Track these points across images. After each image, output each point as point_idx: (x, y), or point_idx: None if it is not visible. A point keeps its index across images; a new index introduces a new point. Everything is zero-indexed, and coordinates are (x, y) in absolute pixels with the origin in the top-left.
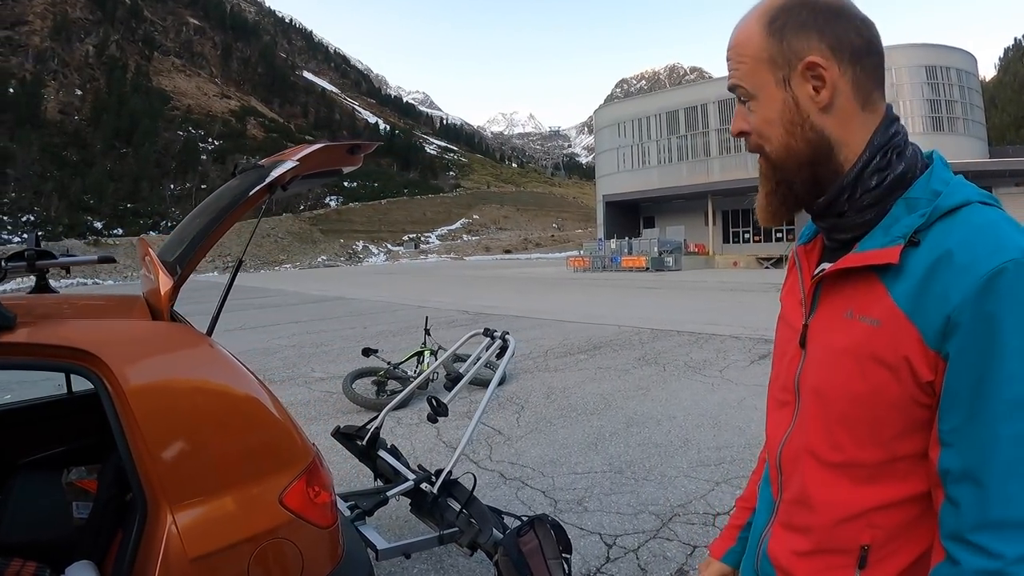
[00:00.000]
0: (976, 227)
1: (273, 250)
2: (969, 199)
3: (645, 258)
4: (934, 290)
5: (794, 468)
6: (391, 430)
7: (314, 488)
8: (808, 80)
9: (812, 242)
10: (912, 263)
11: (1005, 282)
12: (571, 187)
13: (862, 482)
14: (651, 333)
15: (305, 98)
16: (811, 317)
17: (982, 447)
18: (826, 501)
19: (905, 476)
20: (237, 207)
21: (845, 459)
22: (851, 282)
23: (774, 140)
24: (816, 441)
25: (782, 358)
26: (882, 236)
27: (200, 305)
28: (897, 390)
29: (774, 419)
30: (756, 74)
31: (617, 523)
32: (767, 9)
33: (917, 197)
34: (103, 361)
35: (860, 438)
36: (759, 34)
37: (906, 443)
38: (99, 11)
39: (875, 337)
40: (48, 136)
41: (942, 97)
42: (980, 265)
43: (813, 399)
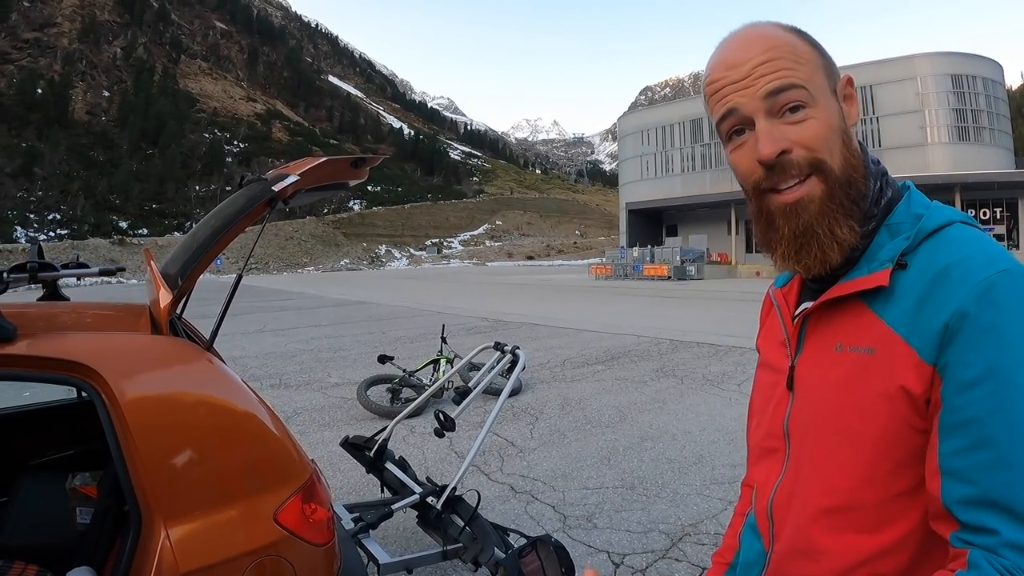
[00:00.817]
0: (966, 244)
1: (296, 252)
2: (951, 219)
3: (667, 267)
4: (932, 304)
5: (786, 517)
6: (403, 439)
7: (310, 505)
8: (842, 100)
9: (788, 284)
10: (904, 285)
11: (1001, 292)
12: (594, 194)
13: (861, 527)
14: (670, 344)
15: (330, 102)
16: (797, 358)
17: (1001, 462)
18: (823, 550)
19: (901, 515)
20: (238, 221)
21: (842, 502)
22: (839, 315)
23: (836, 153)
24: (811, 486)
25: (766, 405)
26: (867, 264)
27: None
28: (892, 418)
29: (762, 468)
30: (816, 78)
31: (626, 541)
32: (788, 27)
33: (899, 222)
34: (99, 374)
35: (857, 477)
36: (802, 42)
37: (900, 479)
38: (127, 14)
39: (869, 366)
40: (75, 136)
41: (968, 106)
42: (975, 275)
43: (806, 441)
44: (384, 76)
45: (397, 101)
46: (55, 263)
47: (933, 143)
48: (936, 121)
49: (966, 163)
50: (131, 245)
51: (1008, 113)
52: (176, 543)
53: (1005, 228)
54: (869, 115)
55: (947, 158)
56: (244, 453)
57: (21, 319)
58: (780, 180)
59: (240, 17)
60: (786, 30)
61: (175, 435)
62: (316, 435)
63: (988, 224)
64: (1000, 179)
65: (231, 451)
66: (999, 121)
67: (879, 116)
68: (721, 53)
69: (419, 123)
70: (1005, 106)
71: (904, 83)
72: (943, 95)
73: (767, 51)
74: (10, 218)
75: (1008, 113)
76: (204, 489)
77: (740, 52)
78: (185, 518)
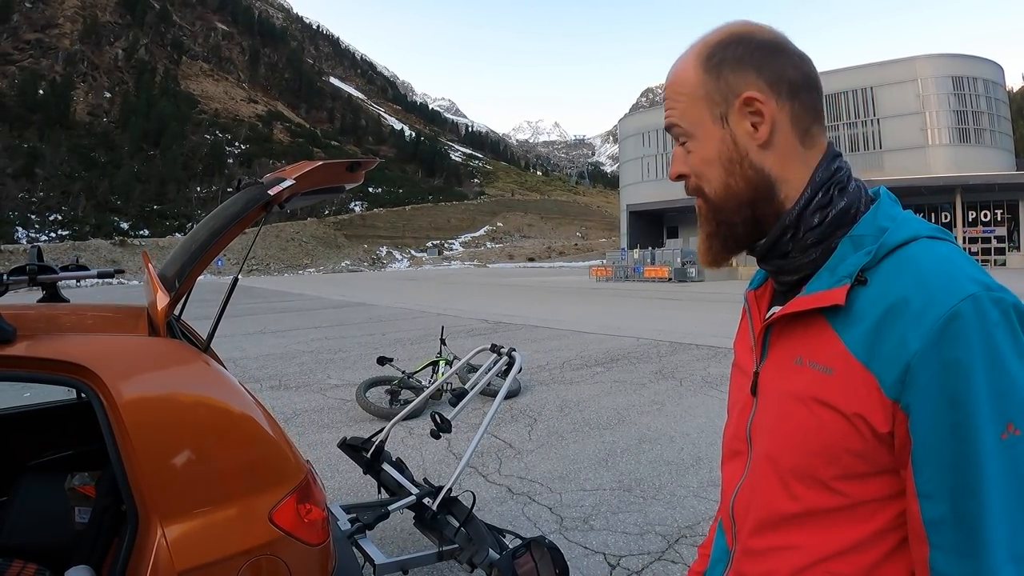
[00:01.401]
0: (927, 265)
1: (297, 254)
2: (917, 234)
3: (668, 268)
4: (891, 337)
5: (746, 517)
6: (402, 440)
7: (305, 506)
8: (746, 116)
9: (763, 286)
10: (863, 305)
11: (964, 324)
12: (595, 196)
13: (818, 530)
14: (670, 346)
15: (331, 104)
16: (762, 364)
17: (967, 494)
18: (780, 551)
19: (867, 519)
20: (234, 224)
21: (800, 508)
22: (800, 327)
23: (713, 180)
24: (768, 491)
25: (735, 406)
26: (828, 277)
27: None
28: (855, 439)
29: (728, 469)
30: (693, 112)
31: (622, 543)
32: (704, 47)
33: (863, 234)
34: (97, 375)
35: (813, 487)
36: (695, 71)
37: (867, 488)
38: (129, 15)
39: (828, 385)
40: (77, 137)
41: (968, 108)
42: (936, 307)
43: (765, 448)
44: (385, 78)
45: (398, 103)
46: (54, 266)
47: (934, 145)
48: (937, 123)
49: (967, 165)
50: (132, 246)
51: (1009, 115)
52: (172, 542)
53: (1006, 230)
54: (870, 117)
55: (948, 160)
56: (240, 454)
57: (21, 321)
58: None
59: (242, 19)
60: (690, 59)
61: (172, 436)
62: (315, 436)
63: (989, 226)
64: (1001, 180)
65: (227, 452)
66: (1000, 123)
67: (880, 118)
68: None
69: (420, 125)
70: (1006, 107)
71: (905, 85)
72: (944, 97)
73: (665, 89)
74: (11, 219)
75: (1009, 115)
76: (200, 489)
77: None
78: (181, 517)
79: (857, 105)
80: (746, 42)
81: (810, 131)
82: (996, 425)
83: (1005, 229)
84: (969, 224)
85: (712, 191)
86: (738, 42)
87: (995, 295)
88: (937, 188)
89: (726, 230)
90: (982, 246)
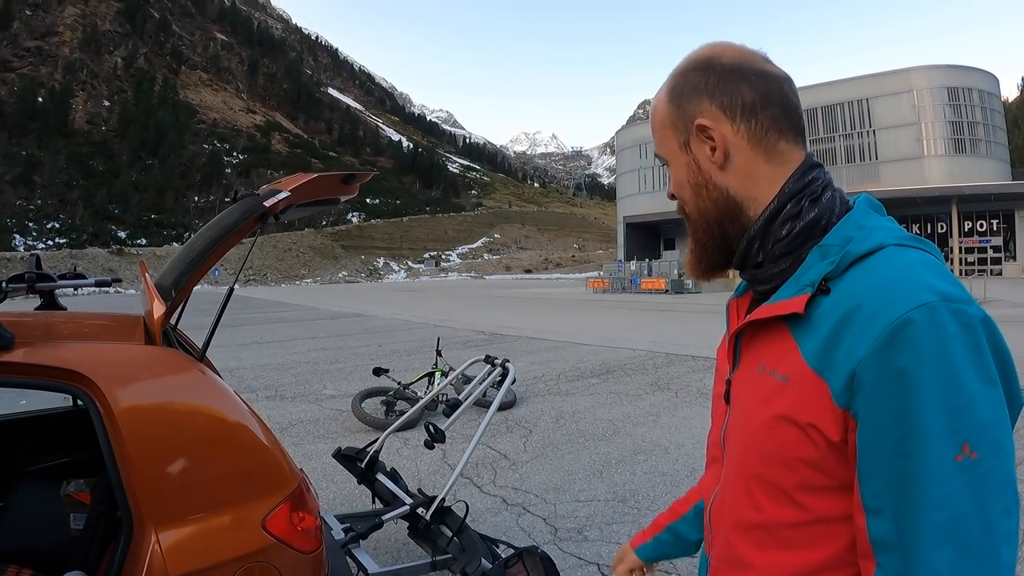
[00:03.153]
0: (886, 273)
1: (294, 265)
2: (883, 243)
3: (664, 280)
4: (841, 345)
5: (719, 526)
6: (397, 451)
7: (299, 514)
8: (704, 142)
9: (744, 295)
10: (821, 315)
11: (914, 332)
12: (592, 207)
13: (785, 544)
14: (665, 358)
15: (330, 114)
16: (734, 372)
17: (910, 513)
18: (749, 562)
19: (832, 538)
20: (230, 235)
21: (763, 519)
22: (766, 335)
23: (688, 202)
24: (737, 499)
25: (715, 414)
26: (794, 285)
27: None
28: (809, 448)
29: (708, 475)
30: (665, 141)
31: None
32: (672, 77)
33: (830, 244)
34: (94, 382)
35: (775, 496)
36: (664, 102)
37: (828, 503)
38: (128, 24)
39: (783, 394)
40: (75, 145)
41: (964, 119)
42: (886, 314)
43: (734, 456)
44: (383, 89)
45: (396, 114)
46: (53, 274)
47: (930, 155)
48: (933, 134)
49: (963, 175)
50: (129, 255)
51: (1004, 125)
52: (167, 548)
53: (1002, 240)
54: (866, 128)
55: (944, 170)
56: (234, 461)
57: (19, 328)
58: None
59: (241, 29)
60: (664, 89)
61: (167, 443)
62: (310, 447)
63: (985, 236)
64: (996, 191)
65: (221, 459)
66: (995, 133)
67: (876, 129)
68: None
69: (418, 136)
70: (1001, 118)
71: (900, 96)
72: (939, 108)
73: (651, 123)
74: (9, 226)
75: (1004, 125)
76: (194, 496)
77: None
78: (176, 524)
79: (853, 117)
80: (704, 68)
81: (777, 147)
82: (948, 445)
83: (1001, 239)
84: (965, 234)
85: (689, 212)
86: (696, 69)
87: (956, 306)
88: (933, 199)
89: (701, 247)
90: (978, 256)
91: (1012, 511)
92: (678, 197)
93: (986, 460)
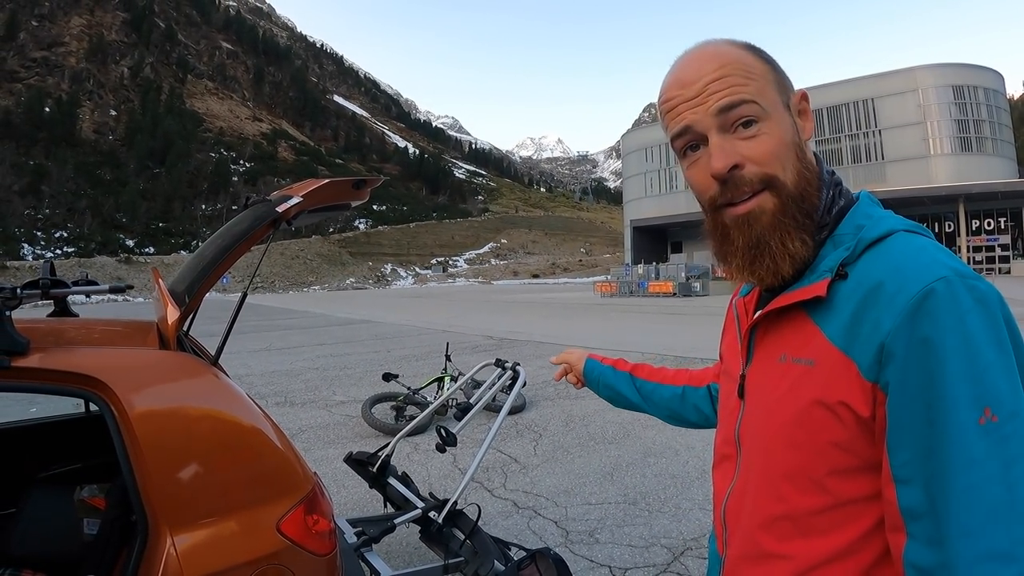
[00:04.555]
0: (902, 253)
1: (302, 271)
2: (893, 228)
3: (672, 283)
4: (867, 321)
5: (737, 523)
6: (407, 456)
7: (313, 516)
8: (794, 113)
9: (750, 294)
10: (842, 297)
11: (936, 303)
12: (599, 212)
13: (809, 533)
14: (675, 360)
15: (336, 122)
16: (748, 367)
17: (939, 477)
18: (772, 556)
19: (850, 522)
20: (243, 241)
21: (788, 509)
22: (783, 325)
23: (789, 167)
24: (759, 493)
25: (724, 411)
26: (810, 274)
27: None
28: (839, 430)
29: (718, 474)
30: (767, 93)
31: (628, 556)
32: (740, 43)
33: (843, 233)
34: (110, 387)
35: (802, 485)
36: (753, 58)
37: (852, 485)
38: (134, 34)
39: (810, 378)
40: (83, 155)
41: (970, 117)
42: (909, 288)
43: (753, 450)
44: (389, 96)
45: (402, 120)
46: (66, 280)
47: (936, 154)
48: (938, 132)
49: (969, 174)
50: (137, 263)
51: (1010, 123)
52: (182, 551)
53: (1010, 238)
54: (872, 128)
55: (950, 169)
56: (249, 465)
57: (33, 333)
58: (734, 194)
59: (246, 38)
60: (739, 47)
61: (182, 447)
62: (321, 452)
63: (993, 234)
64: (1003, 189)
65: (236, 463)
66: (1001, 131)
67: (881, 129)
68: (675, 72)
69: (424, 142)
70: (1007, 116)
71: (906, 95)
72: (945, 106)
73: (719, 68)
74: (17, 235)
75: (1010, 123)
76: (210, 499)
77: (693, 70)
78: (191, 527)
79: (858, 117)
80: (761, 52)
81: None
82: (972, 410)
83: (1009, 237)
84: (973, 233)
85: (789, 180)
86: (757, 49)
87: (969, 282)
88: (940, 198)
89: (803, 220)
90: (986, 255)
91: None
92: (765, 163)
93: (1006, 424)
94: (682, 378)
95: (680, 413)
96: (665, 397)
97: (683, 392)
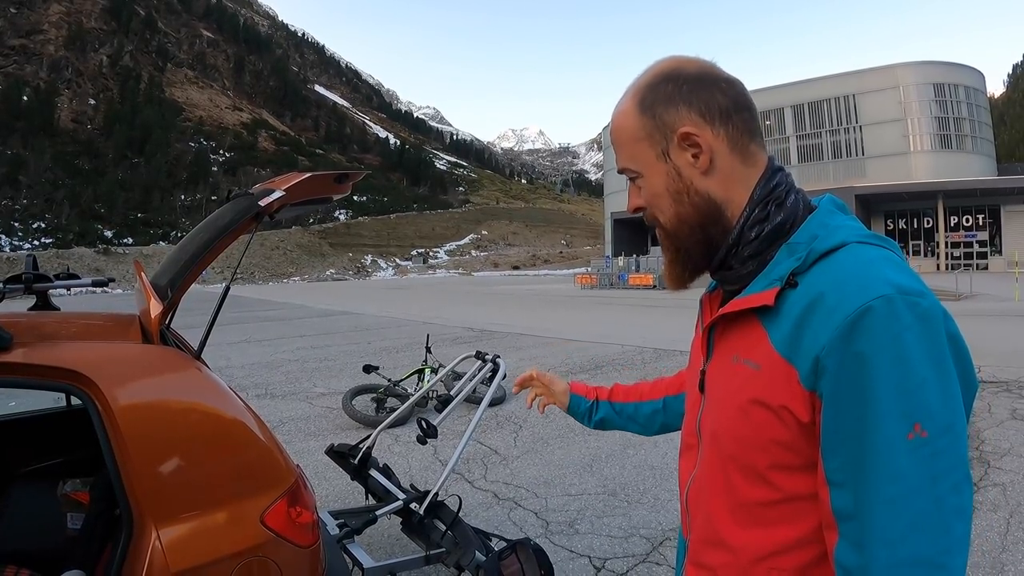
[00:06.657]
0: (848, 267)
1: (282, 262)
2: (845, 240)
3: (652, 276)
4: (807, 332)
5: (697, 509)
6: (388, 447)
7: (296, 508)
8: (685, 149)
9: (716, 290)
10: (789, 306)
11: (872, 320)
12: (580, 204)
13: (760, 523)
14: (654, 353)
15: (316, 112)
16: (708, 363)
17: (866, 486)
18: (727, 542)
19: (803, 516)
20: (225, 235)
21: (739, 499)
22: (737, 327)
23: (666, 211)
24: (714, 482)
25: (688, 402)
26: (763, 281)
27: (205, 317)
28: (781, 430)
29: (683, 461)
30: (638, 154)
31: (607, 546)
32: (637, 90)
33: (798, 242)
34: (93, 382)
35: (749, 477)
36: (633, 115)
37: (797, 482)
38: (114, 22)
39: (756, 381)
40: (61, 144)
41: (950, 115)
42: (847, 304)
43: (709, 442)
44: (370, 86)
45: (383, 111)
46: (49, 274)
47: (916, 151)
48: (919, 129)
49: (949, 171)
50: (116, 254)
51: (990, 121)
52: (167, 544)
53: (987, 235)
54: (853, 124)
55: (930, 166)
56: (232, 458)
57: (15, 328)
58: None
59: (227, 26)
60: (630, 108)
61: (166, 440)
62: (302, 444)
63: (971, 231)
64: (982, 186)
65: (220, 456)
66: (981, 129)
67: (862, 125)
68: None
69: (405, 133)
70: (987, 114)
71: (886, 92)
72: (925, 104)
73: (614, 142)
74: None
75: (990, 121)
76: (194, 492)
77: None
78: (176, 520)
79: (839, 112)
80: (673, 79)
81: (749, 149)
82: (900, 424)
83: (987, 234)
84: (951, 229)
85: (666, 220)
86: (665, 80)
87: (911, 299)
88: (919, 194)
89: (684, 254)
90: (964, 251)
91: (962, 488)
92: (650, 208)
93: (936, 440)
94: (659, 390)
95: (667, 423)
96: (646, 414)
97: (663, 404)
